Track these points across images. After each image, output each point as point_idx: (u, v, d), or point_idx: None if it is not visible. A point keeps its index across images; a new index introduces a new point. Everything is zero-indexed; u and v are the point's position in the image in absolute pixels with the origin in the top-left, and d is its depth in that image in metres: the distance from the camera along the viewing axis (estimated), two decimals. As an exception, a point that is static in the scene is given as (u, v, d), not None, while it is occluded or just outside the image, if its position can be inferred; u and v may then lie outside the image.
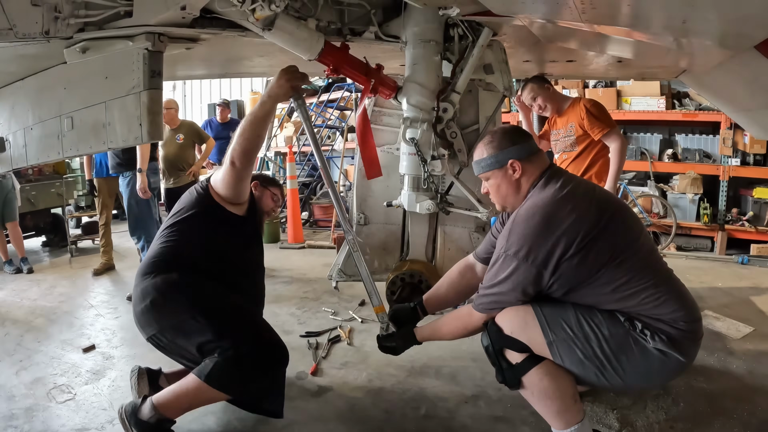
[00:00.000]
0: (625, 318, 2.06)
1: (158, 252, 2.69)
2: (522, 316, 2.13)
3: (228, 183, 2.67)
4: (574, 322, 2.07)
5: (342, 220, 2.75)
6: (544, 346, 2.09)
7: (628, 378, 2.07)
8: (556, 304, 2.13)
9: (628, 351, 2.03)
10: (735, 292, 4.87)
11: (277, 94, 2.56)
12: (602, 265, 2.03)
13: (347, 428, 2.65)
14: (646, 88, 7.23)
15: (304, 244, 7.33)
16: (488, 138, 2.30)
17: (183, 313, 2.50)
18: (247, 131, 2.55)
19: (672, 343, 2.01)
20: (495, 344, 2.17)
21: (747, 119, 4.33)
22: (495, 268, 2.15)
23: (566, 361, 2.08)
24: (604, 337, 2.04)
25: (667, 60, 3.48)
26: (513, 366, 2.14)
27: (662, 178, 7.53)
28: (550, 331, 2.08)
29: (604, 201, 2.14)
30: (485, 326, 2.23)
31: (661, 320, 2.03)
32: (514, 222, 2.12)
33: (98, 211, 5.98)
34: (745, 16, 1.91)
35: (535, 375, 2.10)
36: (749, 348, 3.52)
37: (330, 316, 4.26)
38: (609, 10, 2.05)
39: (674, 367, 2.05)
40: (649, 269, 2.09)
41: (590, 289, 2.07)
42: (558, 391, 2.09)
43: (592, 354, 2.04)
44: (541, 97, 4.11)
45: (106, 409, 2.88)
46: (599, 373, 2.07)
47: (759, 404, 2.78)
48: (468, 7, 2.60)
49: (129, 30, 2.46)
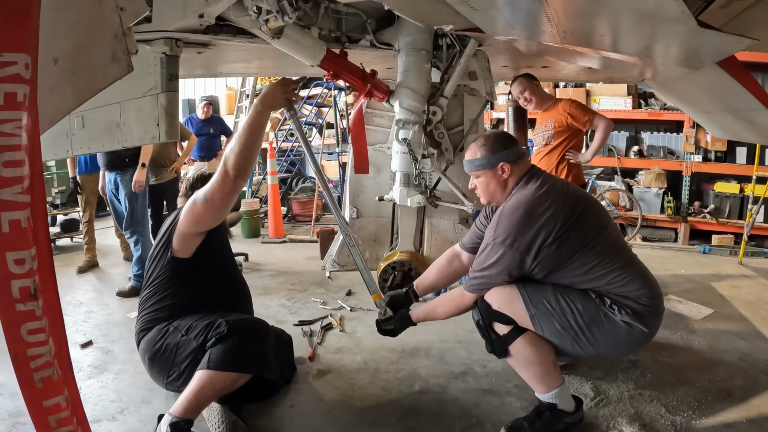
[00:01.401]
0: (596, 295, 2.39)
1: (143, 318, 2.82)
2: (508, 294, 2.44)
3: (219, 200, 2.51)
4: (553, 298, 2.39)
5: (338, 218, 2.85)
6: (527, 318, 2.40)
7: (599, 346, 2.39)
8: (537, 284, 2.46)
9: (599, 323, 2.36)
10: (697, 279, 5.19)
11: (272, 104, 2.52)
12: (576, 251, 2.36)
13: (349, 404, 2.86)
14: (614, 88, 7.57)
15: (285, 238, 7.42)
16: (482, 140, 2.59)
17: (172, 351, 2.64)
18: (246, 139, 2.42)
19: (636, 316, 2.35)
20: (485, 318, 2.47)
21: (707, 121, 4.65)
22: (484, 254, 2.45)
23: (546, 331, 2.40)
24: (578, 311, 2.36)
25: (635, 72, 3.78)
26: (500, 336, 2.45)
27: (629, 173, 7.90)
28: (532, 305, 2.39)
29: (576, 197, 2.47)
30: (476, 304, 2.54)
31: (627, 297, 2.37)
32: (501, 215, 2.44)
33: (81, 209, 5.92)
34: (700, 46, 2.23)
35: (519, 344, 2.41)
36: (709, 327, 3.84)
37: (320, 306, 4.41)
38: (584, 37, 2.36)
39: (639, 337, 2.39)
40: (616, 254, 2.43)
41: (566, 272, 2.40)
42: (539, 358, 2.41)
43: (568, 325, 2.36)
44: (528, 91, 4.47)
45: (114, 401, 2.91)
46: (575, 342, 2.39)
47: (718, 374, 3.08)
48: (461, 23, 2.84)
49: (147, 35, 2.61)
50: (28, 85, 1.25)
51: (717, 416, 2.66)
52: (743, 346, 3.47)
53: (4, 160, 1.23)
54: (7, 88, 1.21)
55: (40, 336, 1.37)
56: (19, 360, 1.37)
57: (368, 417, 2.73)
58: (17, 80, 1.22)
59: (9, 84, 1.21)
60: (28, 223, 1.30)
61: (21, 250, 1.30)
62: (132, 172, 4.87)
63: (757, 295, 4.62)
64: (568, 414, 2.47)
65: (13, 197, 1.26)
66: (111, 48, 1.60)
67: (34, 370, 1.40)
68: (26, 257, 1.31)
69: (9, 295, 1.31)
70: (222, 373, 2.43)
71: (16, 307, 1.33)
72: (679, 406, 2.74)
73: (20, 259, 1.30)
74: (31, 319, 1.35)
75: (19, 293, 1.32)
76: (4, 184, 1.24)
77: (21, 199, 1.28)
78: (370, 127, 3.73)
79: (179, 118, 2.83)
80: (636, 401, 2.79)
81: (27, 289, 1.33)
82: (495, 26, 2.73)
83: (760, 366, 3.18)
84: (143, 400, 2.92)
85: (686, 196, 7.34)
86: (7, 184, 1.25)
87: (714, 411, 2.70)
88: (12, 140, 1.23)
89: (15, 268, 1.30)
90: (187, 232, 2.69)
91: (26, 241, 1.30)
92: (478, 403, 2.82)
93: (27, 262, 1.31)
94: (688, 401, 2.78)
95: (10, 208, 1.27)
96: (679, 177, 7.42)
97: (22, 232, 1.29)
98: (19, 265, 1.30)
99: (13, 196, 1.26)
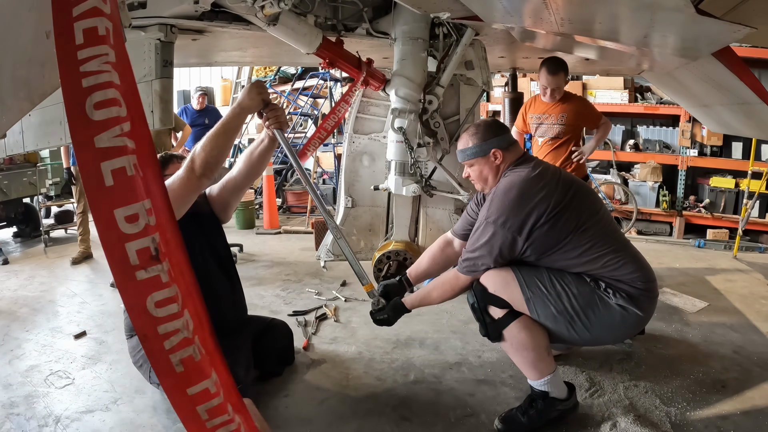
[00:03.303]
0: (591, 279, 2.39)
1: (125, 320, 2.83)
2: (504, 277, 2.43)
3: (180, 196, 2.35)
4: (548, 282, 2.39)
5: (325, 216, 2.78)
6: (522, 302, 2.40)
7: (595, 330, 2.39)
8: (532, 268, 2.45)
9: (594, 306, 2.35)
10: (691, 272, 5.19)
11: (249, 106, 2.43)
12: (569, 233, 2.36)
13: (344, 394, 2.85)
14: (610, 82, 7.55)
15: (280, 229, 7.42)
16: (473, 129, 2.60)
17: (146, 370, 2.68)
18: (219, 138, 2.34)
19: (631, 300, 2.35)
20: (480, 301, 2.46)
21: (704, 115, 4.64)
22: (477, 233, 2.46)
23: (541, 315, 2.39)
24: (573, 295, 2.36)
25: (631, 63, 3.76)
26: (495, 320, 2.43)
27: (624, 167, 7.89)
28: (528, 289, 2.39)
29: (568, 181, 2.49)
30: (471, 286, 2.52)
31: (621, 281, 2.37)
32: (494, 195, 2.45)
33: (76, 199, 5.89)
34: (698, 34, 2.21)
35: (514, 328, 2.40)
36: (704, 320, 3.84)
37: (314, 296, 4.41)
38: (583, 25, 2.34)
39: (634, 321, 2.39)
40: (609, 237, 2.44)
41: (560, 255, 2.40)
42: (533, 343, 2.39)
43: (563, 309, 2.36)
44: (563, 88, 4.17)
45: (108, 391, 2.89)
46: (569, 327, 2.38)
47: (712, 366, 3.09)
48: (458, 11, 2.82)
49: (142, 21, 2.58)
50: (109, 19, 1.10)
51: (711, 408, 2.66)
52: (737, 339, 3.48)
53: (95, 101, 1.06)
54: (85, 24, 1.05)
55: (172, 308, 1.15)
56: (149, 340, 1.14)
57: (363, 406, 2.72)
58: (96, 14, 1.07)
59: (87, 19, 1.06)
60: (135, 171, 1.09)
61: (132, 204, 1.09)
62: None
63: (751, 289, 4.63)
64: (560, 401, 2.46)
65: (111, 142, 1.07)
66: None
67: (170, 351, 1.15)
68: (139, 211, 1.09)
69: (125, 261, 1.09)
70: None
71: (136, 275, 1.10)
72: (674, 397, 2.74)
73: (132, 215, 1.09)
74: (157, 287, 1.12)
75: (137, 257, 1.10)
76: (100, 129, 1.06)
77: (122, 143, 1.08)
78: (366, 116, 3.71)
79: (173, 106, 2.80)
80: (631, 392, 2.78)
81: (146, 251, 1.10)
82: (493, 13, 2.71)
83: (754, 359, 3.19)
84: (137, 390, 2.90)
85: (682, 191, 7.34)
86: (104, 127, 1.06)
87: (708, 403, 2.70)
88: (101, 77, 1.06)
89: (127, 227, 1.08)
90: None
91: (136, 192, 1.10)
92: (473, 393, 2.81)
93: (141, 217, 1.10)
94: (683, 393, 2.78)
95: (111, 155, 1.07)
96: (674, 171, 7.42)
97: (130, 181, 1.09)
98: (131, 223, 1.08)
99: (111, 141, 1.07)
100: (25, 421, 2.62)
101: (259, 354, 2.89)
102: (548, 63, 4.03)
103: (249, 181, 2.85)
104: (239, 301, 3.03)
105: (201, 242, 2.81)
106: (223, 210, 2.93)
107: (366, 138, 3.77)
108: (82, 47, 1.06)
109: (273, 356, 3.05)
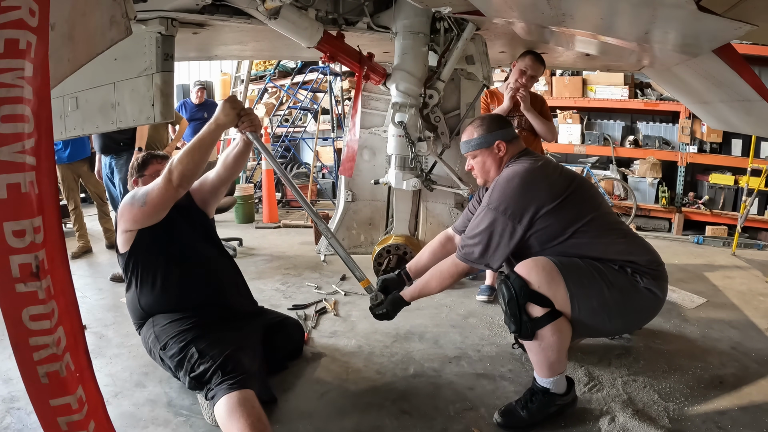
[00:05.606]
0: (618, 266, 2.36)
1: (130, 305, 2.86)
2: (549, 272, 2.29)
3: (158, 204, 2.51)
4: (587, 273, 2.31)
5: (312, 216, 2.78)
6: (566, 300, 2.28)
7: (630, 319, 2.44)
8: (568, 258, 2.36)
9: (629, 292, 2.33)
10: (690, 268, 5.21)
11: (225, 122, 2.50)
12: (572, 222, 2.38)
13: (344, 388, 2.86)
14: (610, 77, 7.55)
15: (279, 223, 7.43)
16: (478, 122, 2.65)
17: (158, 358, 2.66)
18: (196, 153, 2.45)
19: (656, 281, 2.36)
20: (521, 298, 2.27)
21: (704, 111, 4.64)
22: (477, 220, 2.48)
23: (583, 312, 2.30)
24: (611, 284, 2.31)
25: (632, 59, 3.76)
26: (533, 319, 2.27)
27: (624, 163, 7.90)
28: (572, 285, 2.28)
29: (570, 174, 2.55)
30: (507, 278, 2.35)
31: (638, 263, 2.38)
32: (496, 183, 2.48)
33: (65, 198, 5.83)
34: (699, 31, 2.21)
35: (549, 329, 2.27)
36: (702, 316, 3.85)
37: (314, 290, 4.40)
38: (584, 20, 2.35)
39: (656, 304, 2.42)
40: (614, 225, 2.50)
41: (569, 244, 2.40)
42: (560, 345, 2.32)
43: (604, 302, 2.29)
44: (538, 77, 4.13)
45: (108, 385, 2.84)
46: (607, 318, 2.34)
47: (710, 362, 3.09)
48: (459, 6, 2.82)
49: (143, 14, 2.58)
50: (34, 33, 1.12)
51: (709, 403, 2.66)
52: (735, 335, 3.49)
53: (2, 114, 1.09)
54: (7, 35, 1.08)
55: (45, 324, 1.21)
56: (20, 349, 1.21)
57: (363, 400, 2.73)
58: (19, 26, 1.09)
59: (10, 30, 1.08)
60: (30, 188, 1.13)
61: (20, 220, 1.13)
62: (126, 156, 4.85)
63: (749, 286, 4.64)
64: (560, 396, 2.45)
65: (11, 157, 1.10)
66: (110, 11, 1.55)
67: (38, 363, 1.24)
68: (27, 228, 1.14)
69: (8, 272, 1.14)
70: (246, 391, 2.30)
71: (15, 288, 1.16)
72: (672, 392, 2.74)
73: (20, 231, 1.13)
74: (33, 302, 1.18)
75: (18, 270, 1.15)
76: (2, 142, 1.09)
77: (22, 159, 1.11)
78: (367, 111, 3.72)
79: (174, 99, 2.80)
80: (629, 387, 2.79)
81: (28, 267, 1.15)
82: (493, 7, 2.71)
83: (751, 355, 3.19)
84: (137, 383, 2.90)
85: (681, 187, 7.34)
86: (6, 141, 1.10)
87: (706, 398, 2.70)
88: (12, 92, 1.09)
89: (14, 241, 1.13)
90: (125, 229, 2.69)
91: (27, 209, 1.13)
92: (473, 387, 2.82)
93: (28, 234, 1.14)
94: (681, 388, 2.79)
95: (8, 169, 1.10)
96: (674, 167, 7.42)
97: (23, 198, 1.13)
98: (18, 238, 1.13)
99: (11, 156, 1.10)
100: (26, 415, 2.60)
101: (272, 350, 2.91)
102: (533, 52, 4.01)
103: (226, 183, 2.98)
104: (241, 284, 3.11)
105: (198, 232, 2.96)
106: (204, 206, 3.03)
107: (366, 132, 3.77)
108: (1, 57, 1.09)
109: (284, 353, 3.08)
